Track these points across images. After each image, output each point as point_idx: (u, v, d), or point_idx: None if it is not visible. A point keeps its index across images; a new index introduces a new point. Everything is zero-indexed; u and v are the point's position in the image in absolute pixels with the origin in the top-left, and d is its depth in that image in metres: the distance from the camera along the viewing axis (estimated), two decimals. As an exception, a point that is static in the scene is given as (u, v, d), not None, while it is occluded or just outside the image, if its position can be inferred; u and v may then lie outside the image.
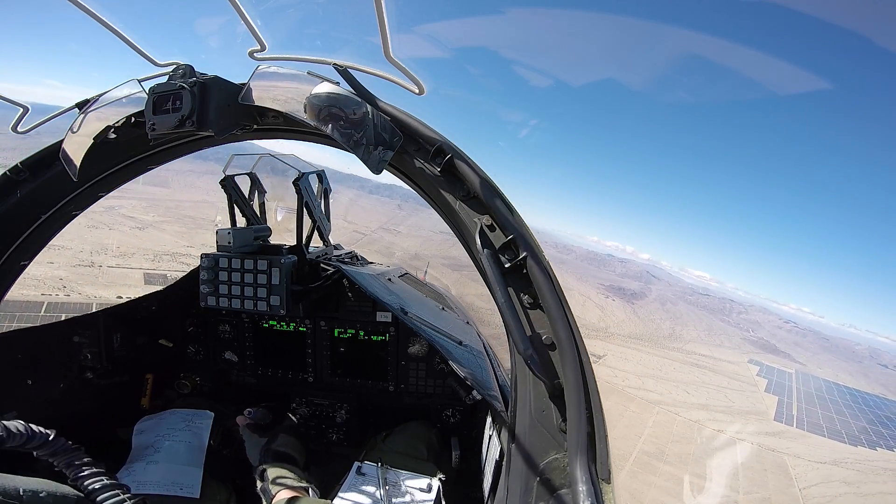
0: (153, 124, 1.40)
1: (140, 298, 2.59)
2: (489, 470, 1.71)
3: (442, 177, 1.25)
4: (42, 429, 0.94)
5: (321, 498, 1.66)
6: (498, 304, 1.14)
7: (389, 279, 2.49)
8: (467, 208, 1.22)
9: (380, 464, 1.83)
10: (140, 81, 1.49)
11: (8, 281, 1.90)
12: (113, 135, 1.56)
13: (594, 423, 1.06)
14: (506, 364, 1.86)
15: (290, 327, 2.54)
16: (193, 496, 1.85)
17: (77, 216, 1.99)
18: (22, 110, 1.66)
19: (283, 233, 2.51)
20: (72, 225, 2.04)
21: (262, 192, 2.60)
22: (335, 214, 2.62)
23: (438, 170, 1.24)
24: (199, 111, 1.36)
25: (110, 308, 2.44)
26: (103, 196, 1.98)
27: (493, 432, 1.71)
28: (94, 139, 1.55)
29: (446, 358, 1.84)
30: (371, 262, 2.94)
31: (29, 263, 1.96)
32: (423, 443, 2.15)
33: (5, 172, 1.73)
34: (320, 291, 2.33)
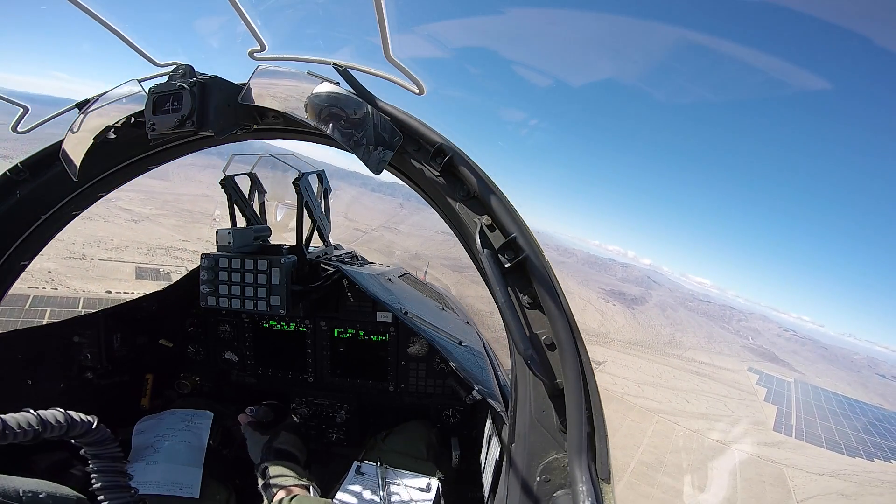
0: (153, 124, 1.40)
1: (140, 298, 2.59)
2: (489, 470, 1.71)
3: (442, 177, 1.24)
4: (84, 416, 0.91)
5: (322, 497, 1.67)
6: (498, 305, 1.14)
7: (389, 279, 2.49)
8: (467, 208, 1.22)
9: (379, 463, 1.83)
10: (140, 81, 1.49)
11: (8, 281, 1.90)
12: (113, 135, 1.56)
13: (594, 423, 1.06)
14: (506, 364, 1.86)
15: (290, 327, 2.54)
16: (193, 496, 1.85)
17: (77, 216, 1.99)
18: (22, 110, 1.66)
19: (283, 233, 2.51)
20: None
21: (262, 192, 2.60)
22: (336, 212, 2.62)
23: (438, 170, 1.24)
24: (199, 111, 1.36)
25: (110, 308, 2.44)
26: (103, 196, 1.98)
27: (493, 432, 1.71)
28: (94, 139, 1.55)
29: (446, 358, 1.84)
30: (371, 262, 2.94)
31: (29, 263, 1.96)
32: (423, 442, 2.15)
33: (5, 172, 1.73)
34: (320, 291, 2.33)
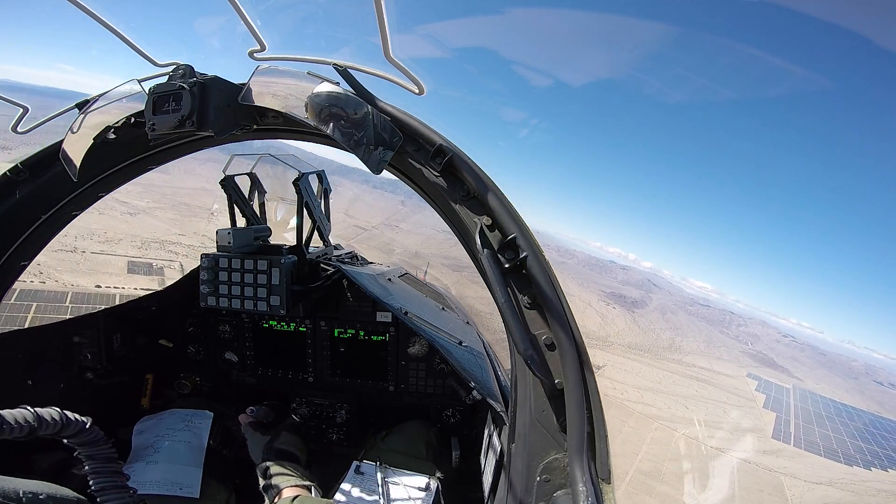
0: (153, 124, 1.40)
1: (140, 298, 2.59)
2: (489, 470, 1.71)
3: (442, 177, 1.24)
4: (78, 416, 0.91)
5: (323, 497, 1.67)
6: (498, 305, 1.14)
7: (389, 279, 2.49)
8: (467, 208, 1.22)
9: (378, 463, 1.83)
10: (140, 81, 1.49)
11: (8, 281, 1.90)
12: (113, 135, 1.56)
13: (594, 423, 1.06)
14: (506, 364, 1.86)
15: (290, 327, 2.54)
16: (193, 496, 1.85)
17: (77, 216, 1.99)
18: (22, 110, 1.66)
19: (283, 233, 2.51)
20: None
21: (262, 192, 2.60)
22: (337, 209, 2.62)
23: (438, 170, 1.23)
24: (199, 111, 1.36)
25: (110, 308, 2.44)
26: (103, 196, 1.98)
27: (493, 432, 1.71)
28: (94, 139, 1.55)
29: (446, 358, 1.84)
30: (371, 262, 2.94)
31: (29, 264, 1.96)
32: (422, 442, 2.15)
33: (5, 172, 1.73)
34: (320, 291, 2.33)
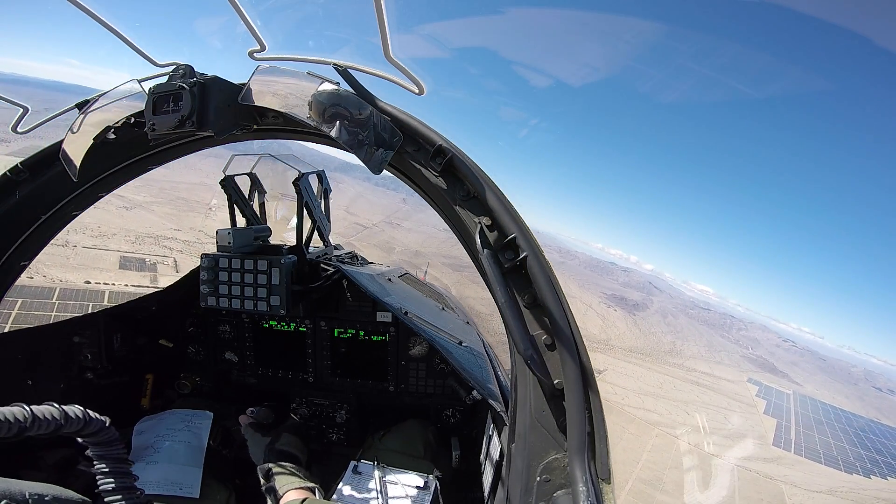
0: (153, 124, 1.40)
1: (140, 298, 2.59)
2: (489, 470, 1.71)
3: (442, 177, 1.24)
4: (98, 415, 0.91)
5: (324, 498, 1.67)
6: (498, 304, 1.14)
7: (389, 279, 2.49)
8: (467, 208, 1.22)
9: (376, 462, 1.83)
10: (140, 82, 1.49)
11: (8, 281, 1.90)
12: (113, 135, 1.56)
13: (594, 423, 1.06)
14: (506, 364, 1.86)
15: (290, 327, 2.53)
16: (193, 496, 1.85)
17: (77, 216, 1.99)
18: (22, 110, 1.66)
19: (283, 233, 2.51)
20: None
21: (262, 193, 2.60)
22: (338, 206, 2.61)
23: (438, 170, 1.24)
24: (199, 111, 1.36)
25: (110, 308, 2.44)
26: (103, 196, 1.97)
27: (493, 432, 1.71)
28: (94, 139, 1.55)
29: (446, 358, 1.84)
30: (371, 263, 2.94)
31: (29, 264, 1.96)
32: (420, 441, 2.15)
33: (5, 173, 1.73)
34: (320, 291, 2.33)
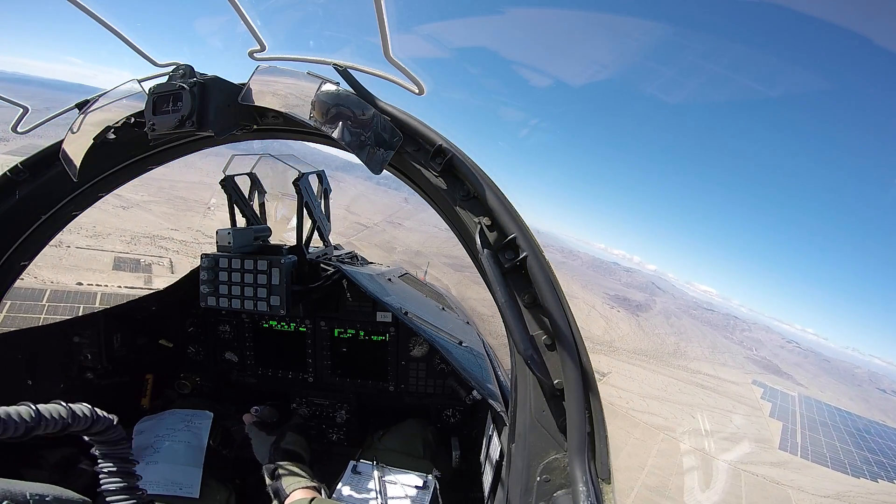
0: (153, 124, 1.40)
1: (140, 298, 2.59)
2: (489, 470, 1.71)
3: (442, 177, 1.24)
4: (106, 413, 0.91)
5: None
6: (498, 305, 1.14)
7: (389, 279, 2.49)
8: (467, 209, 1.22)
9: (375, 462, 1.83)
10: (140, 82, 1.49)
11: (8, 281, 1.90)
12: (113, 135, 1.56)
13: (594, 423, 1.06)
14: (506, 364, 1.86)
15: (290, 327, 2.54)
16: (193, 496, 1.85)
17: (77, 216, 1.99)
18: (22, 110, 1.66)
19: (283, 233, 2.51)
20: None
21: (262, 192, 2.60)
22: (339, 205, 2.61)
23: (438, 170, 1.24)
24: (199, 111, 1.36)
25: (110, 308, 2.44)
26: (103, 196, 1.98)
27: (493, 432, 1.71)
28: (94, 139, 1.55)
29: (446, 358, 1.84)
30: (371, 263, 2.94)
31: (29, 264, 1.96)
32: (419, 441, 2.15)
33: (5, 172, 1.73)
34: (320, 291, 2.33)
